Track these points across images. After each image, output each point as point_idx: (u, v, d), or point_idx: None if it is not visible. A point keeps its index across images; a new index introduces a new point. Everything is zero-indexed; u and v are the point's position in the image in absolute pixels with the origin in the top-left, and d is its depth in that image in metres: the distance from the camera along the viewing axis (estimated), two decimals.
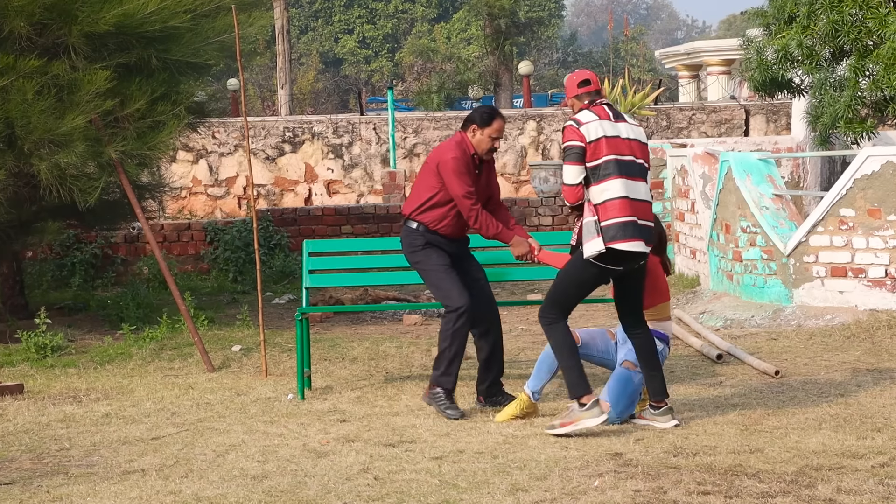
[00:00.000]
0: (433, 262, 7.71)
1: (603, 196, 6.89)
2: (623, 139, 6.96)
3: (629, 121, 7.10)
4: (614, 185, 6.89)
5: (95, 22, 10.09)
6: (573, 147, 6.94)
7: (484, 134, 7.67)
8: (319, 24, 54.77)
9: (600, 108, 7.02)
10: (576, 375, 6.99)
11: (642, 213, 6.96)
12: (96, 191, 10.34)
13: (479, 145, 7.67)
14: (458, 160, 7.60)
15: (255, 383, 8.89)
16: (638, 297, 7.21)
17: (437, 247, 7.74)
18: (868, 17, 11.35)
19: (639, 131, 7.10)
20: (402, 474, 6.24)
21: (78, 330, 11.28)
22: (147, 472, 6.45)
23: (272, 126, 20.86)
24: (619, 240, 6.86)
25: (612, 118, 7.00)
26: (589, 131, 6.92)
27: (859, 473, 5.99)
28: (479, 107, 7.91)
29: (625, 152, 6.95)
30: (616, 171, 6.89)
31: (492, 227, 7.63)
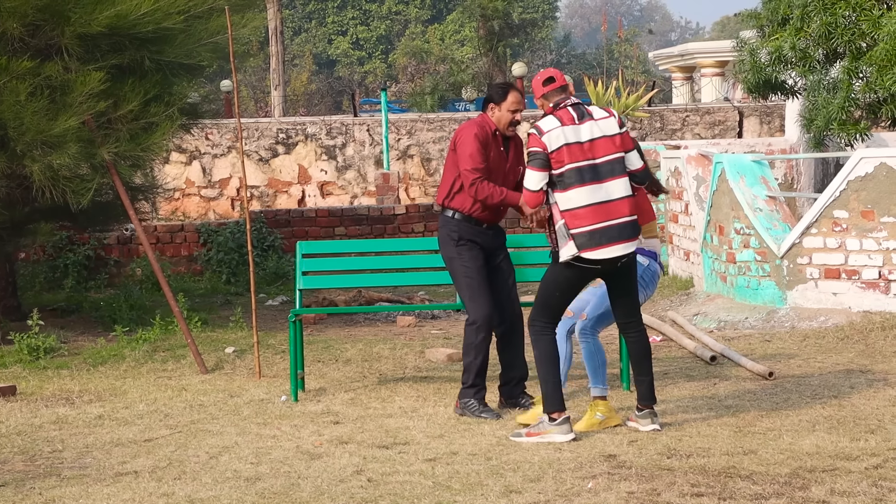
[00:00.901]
0: (465, 264, 7.67)
1: (569, 204, 6.88)
2: (584, 143, 6.90)
3: (596, 115, 6.99)
4: (578, 195, 6.86)
5: (88, 23, 10.06)
6: (537, 153, 6.91)
7: (503, 109, 7.66)
8: (313, 26, 54.72)
9: (564, 112, 6.97)
10: (552, 390, 6.96)
11: (617, 212, 6.88)
12: (89, 192, 10.32)
13: (501, 121, 7.65)
14: (477, 136, 7.59)
15: (248, 385, 8.87)
16: (630, 296, 7.15)
17: (473, 241, 7.69)
18: (861, 19, 11.37)
19: (607, 125, 6.97)
20: (395, 476, 6.23)
21: (71, 331, 11.26)
22: (140, 473, 6.44)
23: (265, 127, 20.82)
24: (588, 248, 6.85)
25: (577, 119, 6.93)
26: (550, 140, 6.89)
27: (853, 475, 5.99)
28: (493, 84, 7.89)
29: (587, 157, 6.88)
30: (579, 179, 6.86)
31: (496, 193, 7.56)
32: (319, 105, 39.18)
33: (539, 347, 7.02)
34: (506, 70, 30.36)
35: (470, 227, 7.69)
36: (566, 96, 7.03)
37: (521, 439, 6.92)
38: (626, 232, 6.89)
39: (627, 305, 7.16)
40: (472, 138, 7.59)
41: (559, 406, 6.94)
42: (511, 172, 7.74)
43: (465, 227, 7.69)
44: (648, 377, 7.13)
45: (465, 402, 7.60)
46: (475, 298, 7.57)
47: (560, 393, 6.97)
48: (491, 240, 7.76)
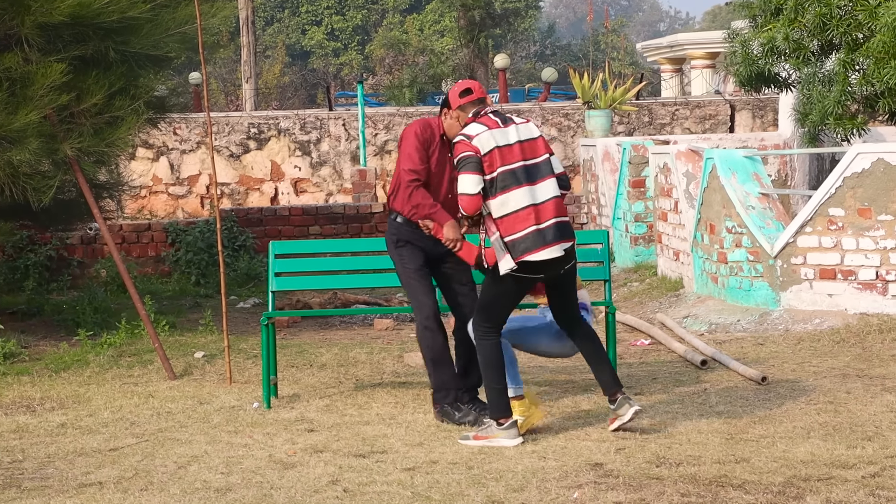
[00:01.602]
0: (405, 265, 7.63)
1: (504, 209, 6.90)
2: (514, 145, 6.97)
3: (517, 120, 7.09)
4: (514, 197, 6.90)
5: (49, 12, 9.94)
6: (469, 157, 6.92)
7: (452, 116, 7.50)
8: (286, 16, 54.63)
9: (486, 118, 7.03)
10: (498, 397, 7.03)
11: (552, 212, 6.96)
12: (51, 190, 10.27)
13: (451, 129, 7.50)
14: (418, 135, 7.51)
15: (218, 391, 8.83)
16: (571, 299, 7.21)
17: (413, 244, 7.59)
18: (857, 9, 11.47)
19: (529, 128, 7.08)
20: (372, 486, 6.20)
21: (32, 336, 11.21)
22: (105, 484, 6.38)
23: (236, 122, 20.67)
24: (532, 251, 6.88)
25: (501, 124, 7.01)
26: (482, 143, 6.93)
27: (849, 484, 5.96)
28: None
29: (518, 159, 6.95)
30: (514, 181, 6.91)
31: (426, 206, 7.46)
32: (293, 98, 39.00)
33: (482, 352, 7.09)
34: (488, 62, 30.23)
35: (411, 230, 7.60)
36: (484, 107, 7.14)
37: (469, 442, 6.98)
38: (561, 232, 6.97)
39: (570, 316, 7.24)
40: (412, 137, 7.52)
41: (505, 412, 7.01)
42: (453, 184, 7.57)
43: (406, 229, 7.61)
44: (607, 365, 7.23)
45: (440, 409, 7.55)
46: (416, 298, 7.57)
47: (506, 398, 7.05)
48: (434, 245, 7.60)
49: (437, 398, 7.56)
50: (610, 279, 8.41)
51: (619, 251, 14.82)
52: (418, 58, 34.35)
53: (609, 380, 7.16)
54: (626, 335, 10.62)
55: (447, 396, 7.52)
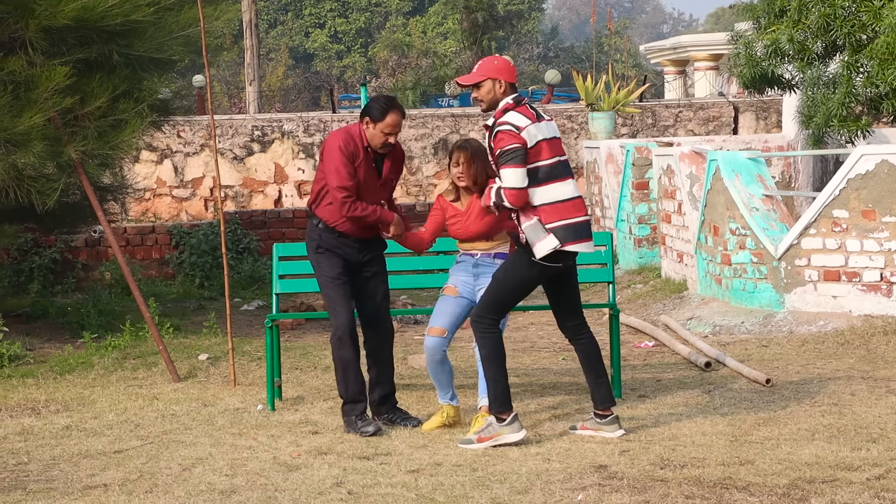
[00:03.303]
0: (324, 273, 7.53)
1: (549, 198, 6.93)
2: (552, 139, 7.02)
3: (545, 117, 7.11)
4: (562, 188, 6.97)
5: (54, 15, 9.92)
6: (516, 149, 6.86)
7: (376, 129, 7.41)
8: (289, 18, 54.64)
9: (527, 110, 7.00)
10: (501, 390, 7.00)
11: (584, 210, 7.10)
12: (55, 192, 10.23)
13: (372, 140, 7.44)
14: (342, 150, 7.37)
15: (222, 393, 8.81)
16: (576, 297, 7.24)
17: (331, 251, 7.51)
18: (861, 10, 11.38)
19: (553, 127, 7.13)
20: (377, 488, 6.18)
21: (37, 338, 11.17)
22: (109, 486, 6.37)
23: (240, 124, 20.63)
24: (572, 241, 6.93)
25: (536, 118, 7.01)
26: (529, 135, 6.90)
27: (854, 486, 5.95)
28: (376, 97, 7.66)
29: (560, 153, 7.03)
30: (562, 173, 6.97)
31: (370, 211, 7.41)
32: (296, 101, 38.97)
33: (486, 346, 7.03)
34: None
35: (333, 237, 7.53)
36: (519, 94, 7.10)
37: (473, 446, 6.94)
38: (589, 229, 7.10)
39: (573, 306, 7.24)
40: (336, 151, 7.38)
41: (507, 406, 6.98)
42: (383, 188, 7.58)
43: (328, 236, 7.54)
44: (605, 378, 7.21)
45: (347, 420, 7.48)
46: (333, 307, 7.49)
47: (508, 393, 7.02)
48: (356, 252, 7.57)
49: (347, 410, 7.47)
50: (614, 281, 8.40)
51: (623, 253, 14.81)
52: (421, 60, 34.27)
53: (604, 394, 7.13)
54: (630, 337, 10.61)
55: (355, 409, 7.45)
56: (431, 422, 7.45)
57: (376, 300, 7.64)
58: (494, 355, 7.00)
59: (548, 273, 7.00)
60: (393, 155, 7.59)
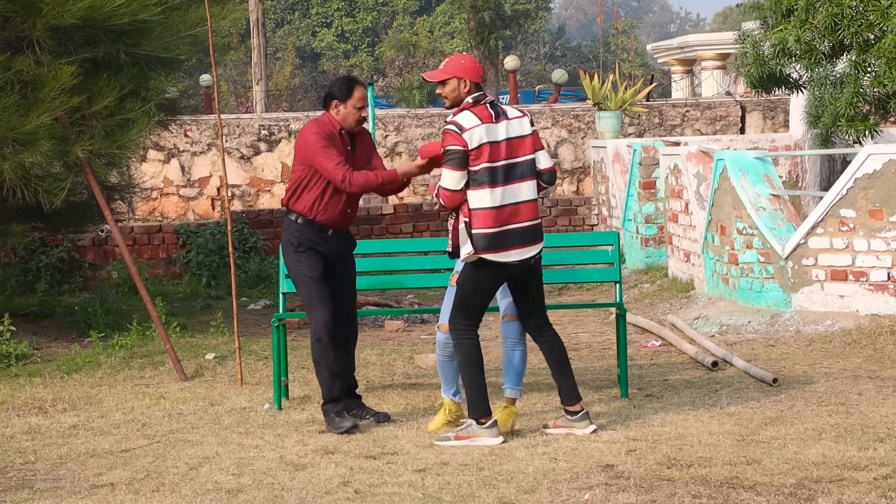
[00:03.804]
0: (304, 272, 7.56)
1: (478, 203, 6.93)
2: (502, 142, 6.95)
3: (510, 115, 7.05)
4: (488, 195, 6.92)
5: (61, 15, 9.91)
6: (456, 151, 6.91)
7: (348, 107, 7.52)
8: (296, 17, 54.62)
9: (483, 109, 6.97)
10: (478, 396, 7.02)
11: (523, 215, 7.00)
12: (63, 192, 10.22)
13: (346, 119, 7.53)
14: (319, 134, 7.45)
15: (229, 393, 8.80)
16: (537, 297, 7.24)
17: (313, 249, 7.55)
18: (869, 10, 11.33)
19: (521, 124, 7.05)
20: (383, 487, 6.17)
21: (44, 337, 11.18)
22: (116, 486, 6.37)
23: (247, 124, 20.63)
24: (490, 251, 6.92)
25: (494, 118, 6.97)
26: (472, 137, 6.90)
27: (861, 486, 5.93)
28: (333, 81, 7.75)
29: (502, 157, 6.95)
30: (490, 179, 6.92)
31: (372, 177, 7.47)
32: (303, 100, 38.92)
33: (461, 351, 7.07)
34: (498, 64, 30.16)
35: (312, 233, 7.57)
36: (484, 92, 7.05)
37: (449, 443, 6.98)
38: (529, 235, 7.01)
39: (534, 305, 7.24)
40: (314, 137, 7.45)
41: (485, 412, 7.01)
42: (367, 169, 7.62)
43: (307, 232, 7.56)
44: (570, 376, 7.23)
45: (329, 419, 7.51)
46: (314, 308, 7.52)
47: (486, 399, 7.03)
48: (335, 247, 7.65)
49: (328, 409, 7.51)
50: (620, 280, 8.38)
51: (630, 252, 14.79)
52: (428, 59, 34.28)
53: (570, 390, 7.17)
54: (637, 336, 10.59)
55: (336, 406, 7.50)
56: (436, 421, 7.45)
57: (345, 299, 7.71)
58: (469, 361, 7.02)
59: (503, 274, 7.02)
60: (361, 138, 7.68)
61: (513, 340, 7.42)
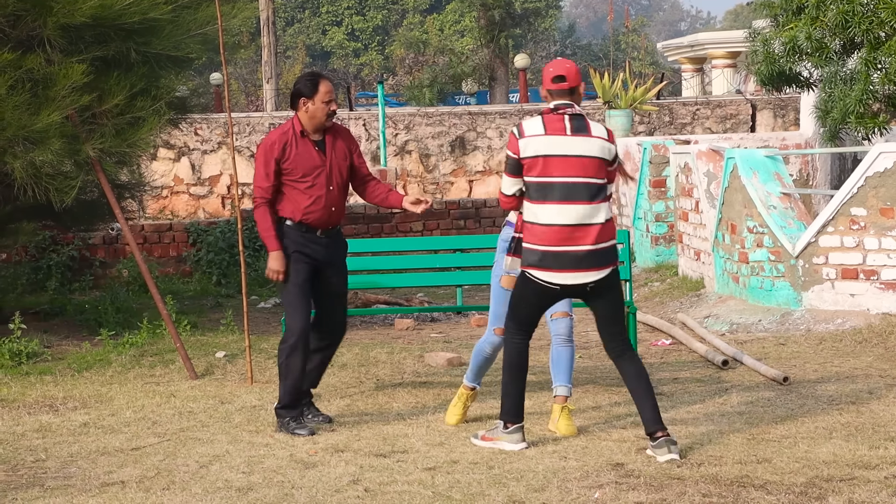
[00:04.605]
0: (291, 277, 7.45)
1: (531, 217, 6.63)
2: (568, 158, 6.54)
3: (594, 132, 6.62)
4: (540, 210, 6.57)
5: (71, 13, 9.90)
6: (509, 158, 6.69)
7: (316, 102, 7.42)
8: (306, 16, 54.70)
9: (557, 119, 6.59)
10: (512, 401, 6.83)
11: (580, 239, 6.55)
12: (73, 190, 10.18)
13: (317, 116, 7.44)
14: (265, 150, 7.41)
15: (239, 391, 8.78)
16: (613, 319, 6.75)
17: (301, 253, 7.45)
18: (880, 7, 11.28)
19: (595, 145, 6.59)
20: (393, 486, 6.17)
21: (54, 335, 11.15)
22: (127, 484, 6.37)
23: (257, 122, 20.65)
24: (537, 268, 6.61)
25: (570, 131, 6.56)
26: (527, 147, 6.58)
27: (872, 485, 5.92)
28: (297, 78, 7.67)
29: (565, 174, 6.54)
30: (545, 194, 6.56)
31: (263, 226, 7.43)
32: None
33: (506, 351, 6.88)
34: (508, 62, 30.14)
35: (301, 235, 7.47)
36: (571, 102, 6.64)
37: (477, 441, 6.92)
38: (588, 261, 6.56)
39: (610, 327, 6.76)
40: (259, 151, 7.42)
41: (514, 416, 6.84)
42: (335, 171, 7.53)
43: (296, 235, 7.47)
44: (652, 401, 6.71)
45: (281, 423, 7.47)
46: (291, 314, 7.44)
47: (519, 403, 6.82)
48: (323, 250, 7.54)
49: (283, 413, 7.45)
50: (631, 279, 8.38)
51: (640, 251, 14.78)
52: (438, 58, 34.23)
53: (651, 417, 6.64)
54: (647, 335, 10.58)
55: (292, 412, 7.45)
56: (454, 412, 7.42)
57: (336, 301, 7.66)
58: (511, 364, 6.81)
59: (551, 293, 6.68)
60: (337, 135, 7.58)
61: (561, 338, 7.30)
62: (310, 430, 7.35)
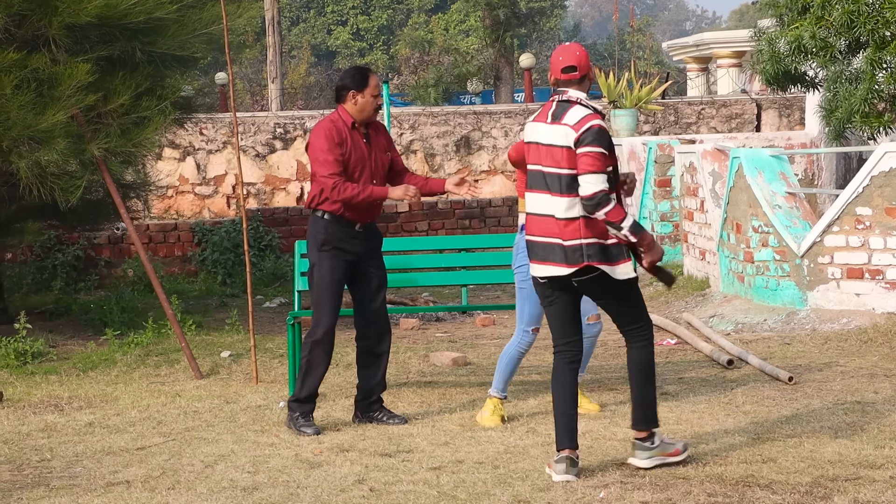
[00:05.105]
0: (323, 272, 7.42)
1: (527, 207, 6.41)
2: (539, 145, 6.26)
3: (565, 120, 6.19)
4: (527, 199, 6.37)
5: (77, 13, 9.91)
6: None
7: (366, 95, 7.44)
8: (311, 16, 54.73)
9: (547, 105, 6.31)
10: (562, 426, 6.30)
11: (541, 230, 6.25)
12: (78, 190, 10.19)
13: (366, 109, 7.44)
14: (325, 138, 7.35)
15: (244, 391, 8.81)
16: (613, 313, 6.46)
17: (338, 249, 7.42)
18: (885, 7, 11.21)
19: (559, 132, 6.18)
20: (398, 485, 6.18)
21: (59, 335, 11.17)
22: (132, 483, 6.38)
23: (262, 122, 20.66)
24: (531, 259, 6.37)
25: (550, 118, 6.24)
26: (525, 132, 6.47)
27: (877, 484, 5.92)
28: (344, 72, 7.65)
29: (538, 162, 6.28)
30: (529, 183, 6.35)
31: (361, 192, 7.36)
32: (318, 98, 38.94)
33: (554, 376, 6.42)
34: (513, 61, 30.15)
35: (340, 229, 7.43)
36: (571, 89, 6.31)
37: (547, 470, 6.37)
38: (546, 254, 6.23)
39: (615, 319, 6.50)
40: (321, 140, 7.38)
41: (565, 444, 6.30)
42: (378, 165, 7.54)
43: (335, 229, 7.42)
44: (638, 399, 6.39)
45: (290, 416, 7.47)
46: (321, 309, 7.42)
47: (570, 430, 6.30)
48: (361, 244, 7.51)
49: (296, 407, 7.44)
50: (636, 278, 8.35)
51: None
52: (443, 57, 34.27)
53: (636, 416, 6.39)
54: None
55: (304, 408, 7.44)
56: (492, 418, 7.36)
57: (376, 295, 7.60)
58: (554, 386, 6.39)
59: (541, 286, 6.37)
60: (377, 129, 7.60)
61: None
62: (315, 430, 7.35)
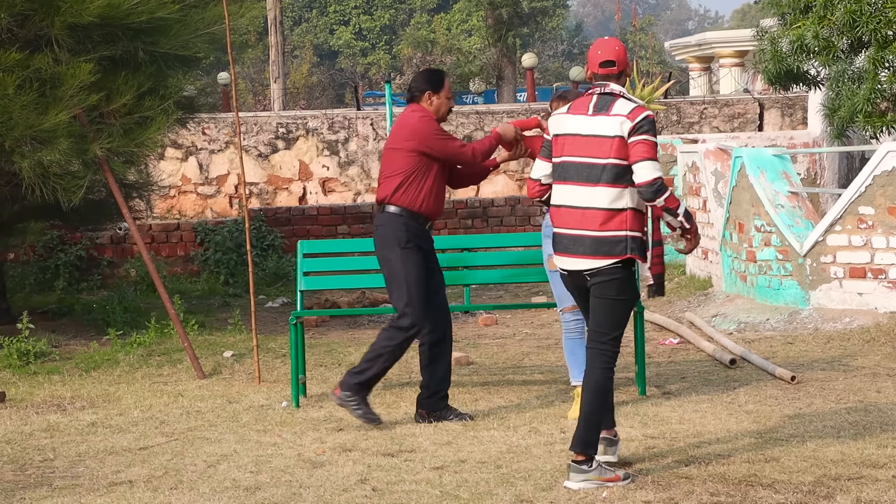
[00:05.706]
0: (409, 271, 7.42)
1: (554, 200, 6.30)
2: (583, 137, 6.14)
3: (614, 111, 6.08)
4: (555, 191, 6.25)
5: (79, 13, 9.94)
6: (544, 140, 6.45)
7: (441, 97, 7.56)
8: (314, 15, 54.74)
9: (586, 98, 6.19)
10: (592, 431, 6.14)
11: (575, 223, 6.15)
12: (81, 190, 10.22)
13: (441, 110, 7.57)
14: (435, 121, 7.50)
15: (247, 390, 8.81)
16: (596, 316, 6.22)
17: (418, 246, 7.47)
18: (888, 6, 11.21)
19: (610, 123, 6.07)
20: (401, 485, 6.17)
21: (62, 335, 11.19)
22: (135, 483, 6.39)
23: (265, 122, 20.65)
24: (556, 251, 6.28)
25: (591, 111, 6.13)
26: (552, 125, 6.32)
27: (880, 483, 5.92)
28: (421, 73, 7.72)
29: (577, 154, 6.16)
30: (559, 175, 6.22)
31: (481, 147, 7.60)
32: (321, 98, 39.02)
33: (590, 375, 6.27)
34: (515, 61, 30.16)
35: (416, 226, 7.48)
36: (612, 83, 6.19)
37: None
38: (576, 247, 6.15)
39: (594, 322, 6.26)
40: (433, 125, 7.48)
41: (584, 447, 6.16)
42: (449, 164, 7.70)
43: (412, 226, 7.47)
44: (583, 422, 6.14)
45: (348, 396, 7.41)
46: (415, 307, 7.41)
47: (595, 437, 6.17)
48: (429, 241, 7.64)
49: (357, 388, 7.39)
50: (639, 278, 8.37)
51: None
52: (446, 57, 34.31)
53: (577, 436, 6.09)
54: (655, 334, 10.56)
55: (363, 391, 7.42)
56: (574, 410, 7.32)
57: (440, 289, 7.67)
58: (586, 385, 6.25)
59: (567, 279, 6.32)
60: None
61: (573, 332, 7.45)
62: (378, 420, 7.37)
